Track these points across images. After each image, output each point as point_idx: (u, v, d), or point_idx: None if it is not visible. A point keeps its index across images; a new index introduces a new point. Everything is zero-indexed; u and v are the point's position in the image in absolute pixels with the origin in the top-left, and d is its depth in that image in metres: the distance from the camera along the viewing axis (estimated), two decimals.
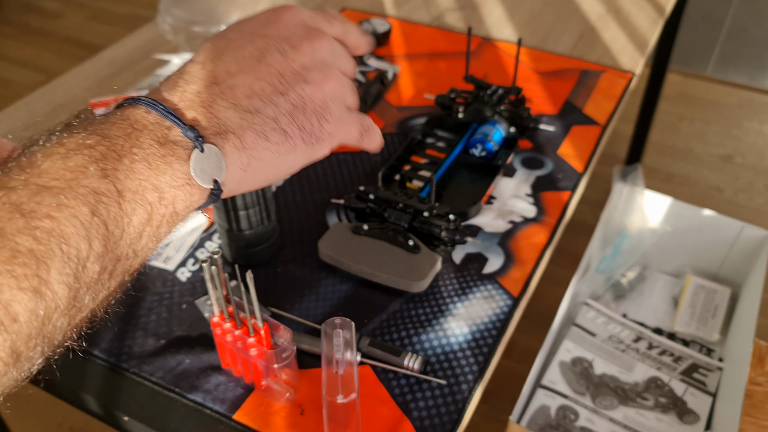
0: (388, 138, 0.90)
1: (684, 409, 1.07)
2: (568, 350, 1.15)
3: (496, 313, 0.67)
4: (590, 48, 1.08)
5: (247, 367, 0.59)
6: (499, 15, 1.18)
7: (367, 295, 0.69)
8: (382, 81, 0.98)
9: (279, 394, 0.59)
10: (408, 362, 0.61)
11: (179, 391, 0.60)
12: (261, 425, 0.58)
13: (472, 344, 0.64)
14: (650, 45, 1.09)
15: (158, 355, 0.63)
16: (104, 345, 0.64)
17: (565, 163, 0.86)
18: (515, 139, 0.86)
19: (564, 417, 1.05)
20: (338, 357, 0.54)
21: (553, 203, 0.80)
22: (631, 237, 1.28)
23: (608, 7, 1.19)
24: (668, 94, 2.27)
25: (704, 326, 1.22)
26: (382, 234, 0.71)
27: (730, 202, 1.89)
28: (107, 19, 2.84)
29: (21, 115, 0.94)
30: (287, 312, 0.67)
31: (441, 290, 0.70)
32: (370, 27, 1.08)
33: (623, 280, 1.29)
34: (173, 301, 0.69)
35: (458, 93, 0.91)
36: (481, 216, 0.78)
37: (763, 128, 2.13)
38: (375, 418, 0.58)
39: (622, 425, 1.04)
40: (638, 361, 1.14)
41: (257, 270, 0.71)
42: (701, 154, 2.05)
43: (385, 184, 0.80)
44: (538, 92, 0.98)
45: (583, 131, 0.91)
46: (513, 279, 0.71)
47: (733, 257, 1.28)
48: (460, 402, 0.60)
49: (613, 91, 0.98)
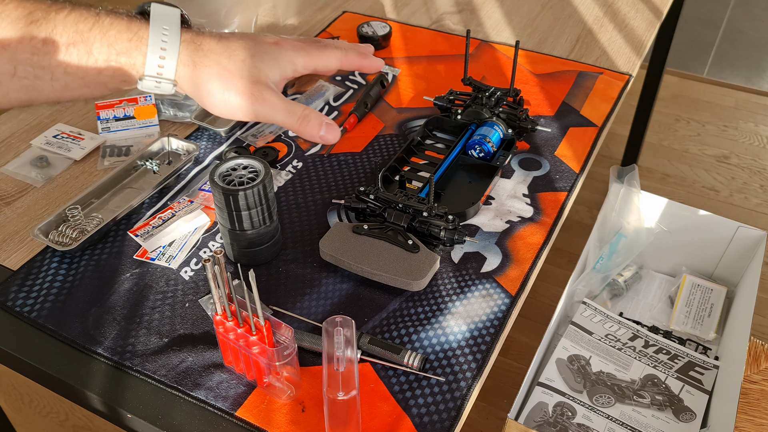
0: (388, 139, 0.91)
1: (680, 407, 1.08)
2: (565, 348, 1.16)
3: (494, 312, 0.68)
4: (587, 50, 1.09)
5: (249, 365, 0.60)
6: (498, 18, 1.19)
7: (367, 293, 0.70)
8: (381, 83, 0.99)
9: (281, 392, 0.60)
10: (407, 360, 0.62)
11: (182, 388, 0.61)
12: (263, 422, 0.59)
13: (470, 342, 0.65)
14: (647, 47, 1.11)
15: (161, 353, 0.64)
16: (108, 343, 0.65)
17: (562, 164, 0.87)
18: (513, 140, 0.87)
19: (561, 414, 1.06)
20: (339, 354, 0.55)
21: (550, 203, 0.81)
22: (627, 237, 1.29)
23: (605, 9, 1.20)
24: (664, 95, 2.28)
25: (700, 325, 1.23)
26: (381, 234, 0.72)
27: (725, 202, 1.90)
28: None
29: (25, 117, 0.95)
30: (289, 310, 0.68)
31: (440, 289, 0.71)
32: (370, 30, 1.09)
33: (620, 279, 1.30)
34: (176, 300, 0.70)
35: (457, 95, 0.92)
36: (479, 216, 0.79)
37: (758, 129, 2.14)
38: (375, 415, 0.59)
39: (619, 422, 1.06)
40: (635, 359, 1.15)
41: (259, 269, 0.73)
42: (697, 154, 2.06)
43: (385, 185, 0.81)
44: (536, 94, 0.99)
45: (580, 132, 0.92)
46: (511, 278, 0.72)
47: (728, 257, 1.29)
48: (458, 399, 0.61)
49: (609, 92, 0.99)
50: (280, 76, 0.57)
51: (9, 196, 0.83)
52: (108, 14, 0.52)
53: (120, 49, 0.51)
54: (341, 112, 0.96)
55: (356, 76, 1.03)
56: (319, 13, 1.21)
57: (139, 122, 0.91)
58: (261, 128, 0.92)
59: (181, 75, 0.54)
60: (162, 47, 0.52)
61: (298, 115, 0.56)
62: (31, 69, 0.50)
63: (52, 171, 0.86)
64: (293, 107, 0.56)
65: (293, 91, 1.00)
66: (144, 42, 0.52)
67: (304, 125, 0.56)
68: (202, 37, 0.54)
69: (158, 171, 0.84)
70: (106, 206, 0.80)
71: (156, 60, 0.52)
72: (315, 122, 0.57)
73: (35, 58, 0.49)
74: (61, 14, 0.50)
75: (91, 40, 0.50)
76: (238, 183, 0.67)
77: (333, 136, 0.58)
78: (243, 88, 0.54)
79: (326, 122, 0.57)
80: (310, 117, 0.56)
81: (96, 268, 0.73)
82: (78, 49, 0.50)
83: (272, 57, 0.56)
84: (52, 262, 0.74)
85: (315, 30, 1.15)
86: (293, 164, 0.87)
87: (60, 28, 0.49)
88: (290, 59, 0.57)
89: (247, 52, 0.55)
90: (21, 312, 0.69)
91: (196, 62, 0.53)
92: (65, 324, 0.67)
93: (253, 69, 0.54)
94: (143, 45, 0.52)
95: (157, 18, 0.53)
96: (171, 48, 0.52)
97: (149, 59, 0.52)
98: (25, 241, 0.77)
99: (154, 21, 0.52)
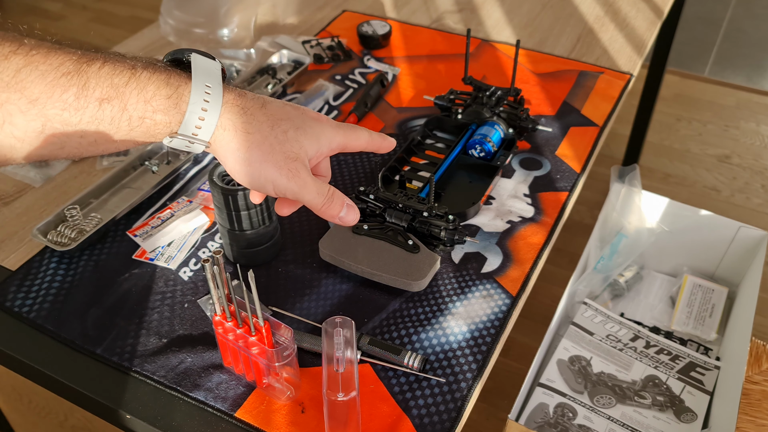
0: None
1: (681, 408, 1.08)
2: (566, 349, 1.16)
3: (494, 312, 0.68)
4: (588, 49, 1.09)
5: (249, 366, 0.60)
6: (498, 17, 1.19)
7: (367, 294, 0.70)
8: (381, 82, 0.99)
9: (280, 392, 0.60)
10: (408, 360, 0.62)
11: (181, 389, 0.61)
12: (262, 423, 0.59)
13: (471, 343, 0.65)
14: (648, 46, 1.10)
15: (160, 354, 0.64)
16: (107, 344, 0.65)
17: (563, 164, 0.86)
18: (514, 140, 0.87)
19: (562, 415, 1.06)
20: (339, 355, 0.55)
21: (551, 203, 0.81)
22: (628, 237, 1.29)
23: (606, 9, 1.20)
24: (666, 95, 2.27)
25: (701, 325, 1.23)
26: (381, 234, 0.72)
27: (727, 202, 1.90)
28: (109, 21, 2.84)
29: None
30: (288, 311, 0.68)
31: (440, 289, 0.70)
32: (370, 29, 1.09)
33: (621, 280, 1.29)
34: (175, 301, 0.69)
35: (457, 94, 0.92)
36: (479, 216, 0.79)
37: (760, 129, 2.14)
38: (375, 416, 0.59)
39: (620, 423, 1.05)
40: (636, 359, 1.15)
41: (258, 269, 0.72)
42: (698, 154, 2.05)
43: (385, 185, 0.80)
44: (537, 93, 0.99)
45: (580, 132, 0.92)
46: (511, 278, 0.72)
47: (730, 257, 1.29)
48: (459, 400, 0.60)
49: (610, 92, 0.99)
50: (316, 153, 0.54)
51: (8, 196, 0.83)
52: (145, 66, 0.47)
53: (157, 106, 0.47)
54: (341, 111, 0.96)
55: (356, 76, 1.03)
56: (319, 12, 1.21)
57: None
58: None
59: (218, 138, 0.50)
60: (203, 107, 0.48)
61: (325, 196, 0.53)
62: (60, 126, 0.45)
63: (50, 171, 0.86)
64: (322, 187, 0.53)
65: (293, 90, 1.00)
66: (184, 100, 0.48)
67: (327, 205, 0.54)
68: (245, 100, 0.51)
69: (157, 171, 0.84)
70: (105, 206, 0.80)
71: (194, 121, 0.48)
72: (338, 203, 0.54)
73: (65, 115, 0.45)
74: (93, 66, 0.45)
75: (127, 95, 0.46)
76: (237, 183, 0.66)
77: (352, 218, 0.55)
78: (282, 162, 0.50)
79: (347, 204, 0.55)
80: (334, 198, 0.54)
81: (95, 268, 0.73)
82: (112, 105, 0.46)
83: (314, 132, 0.53)
84: (50, 262, 0.73)
85: (315, 29, 1.15)
86: None
87: (93, 81, 0.45)
88: (330, 137, 0.54)
89: (290, 124, 0.52)
90: (20, 312, 0.68)
91: (237, 127, 0.50)
92: (64, 324, 0.67)
93: (295, 143, 0.51)
94: (183, 103, 0.48)
95: (200, 73, 0.49)
96: (213, 109, 0.49)
97: (187, 119, 0.48)
98: (23, 241, 0.76)
99: (196, 77, 0.49)
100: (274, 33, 1.14)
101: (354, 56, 1.08)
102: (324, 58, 1.07)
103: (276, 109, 0.52)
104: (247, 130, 0.50)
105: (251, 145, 0.50)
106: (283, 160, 0.50)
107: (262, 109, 0.51)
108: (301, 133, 0.52)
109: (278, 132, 0.51)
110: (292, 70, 1.02)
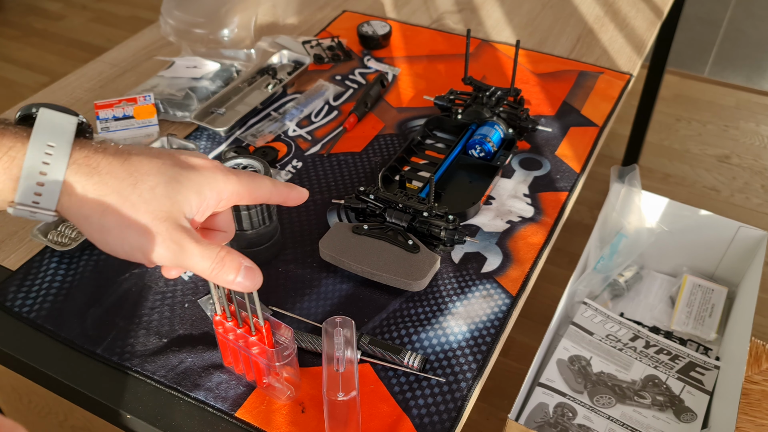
0: (388, 139, 0.91)
1: (681, 408, 1.08)
2: (565, 349, 1.16)
3: (494, 312, 0.68)
4: (588, 50, 1.09)
5: (249, 366, 0.60)
6: (498, 17, 1.19)
7: (367, 294, 0.70)
8: (381, 83, 0.99)
9: (280, 392, 0.60)
10: (408, 360, 0.62)
11: (181, 389, 0.61)
12: (263, 423, 0.59)
13: (471, 343, 0.65)
14: (647, 47, 1.10)
15: (161, 354, 0.64)
16: (107, 344, 0.65)
17: (562, 164, 0.86)
18: (513, 140, 0.87)
19: (562, 415, 1.06)
20: (339, 355, 0.55)
21: (550, 203, 0.81)
22: (628, 237, 1.29)
23: (606, 9, 1.20)
24: (665, 95, 2.27)
25: (701, 325, 1.23)
26: (381, 234, 0.72)
27: (726, 202, 1.90)
28: (109, 21, 2.84)
29: None
30: (288, 311, 0.68)
31: (440, 289, 0.70)
32: (370, 29, 1.09)
33: (620, 280, 1.29)
34: (176, 300, 0.69)
35: (457, 94, 0.92)
36: (479, 216, 0.79)
37: (759, 129, 2.14)
38: (375, 416, 0.59)
39: (620, 423, 1.05)
40: (635, 359, 1.15)
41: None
42: (698, 154, 2.06)
43: (385, 185, 0.80)
44: (537, 94, 0.99)
45: (580, 132, 0.92)
46: (511, 278, 0.72)
47: (729, 257, 1.29)
48: (459, 400, 0.60)
49: (610, 92, 0.99)
50: (200, 208, 0.46)
51: None
52: None
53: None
54: (341, 111, 0.96)
55: (356, 76, 1.03)
56: (319, 12, 1.21)
57: (139, 122, 0.91)
58: (261, 128, 0.92)
59: (66, 205, 0.43)
60: (42, 171, 0.41)
61: (213, 259, 0.45)
62: None
63: None
64: (208, 250, 0.44)
65: (293, 90, 1.00)
66: (17, 164, 0.41)
67: (217, 270, 0.45)
68: (100, 156, 0.43)
69: None
70: None
71: (33, 187, 0.41)
72: (230, 266, 0.45)
73: None
74: None
75: None
76: None
77: (251, 283, 0.46)
78: (147, 226, 0.43)
79: (245, 266, 0.46)
80: (225, 261, 0.45)
81: (95, 268, 0.73)
82: None
83: (194, 184, 0.45)
84: (51, 262, 0.73)
85: (315, 29, 1.15)
86: (293, 164, 0.87)
87: None
88: (219, 187, 0.46)
89: (160, 178, 0.44)
90: (20, 312, 0.68)
91: (88, 190, 0.42)
92: (64, 324, 0.67)
93: (165, 201, 0.43)
94: (15, 167, 0.41)
95: (42, 132, 0.42)
96: (54, 172, 0.42)
97: (23, 185, 0.41)
98: (24, 241, 0.76)
99: (36, 135, 0.42)
100: (274, 33, 1.14)
101: (354, 56, 1.08)
102: (324, 58, 1.07)
103: (141, 163, 0.44)
104: (100, 192, 0.43)
105: (105, 210, 0.42)
106: (150, 222, 0.43)
107: (124, 164, 0.44)
108: (173, 187, 0.44)
109: (143, 190, 0.43)
110: (292, 71, 1.02)
